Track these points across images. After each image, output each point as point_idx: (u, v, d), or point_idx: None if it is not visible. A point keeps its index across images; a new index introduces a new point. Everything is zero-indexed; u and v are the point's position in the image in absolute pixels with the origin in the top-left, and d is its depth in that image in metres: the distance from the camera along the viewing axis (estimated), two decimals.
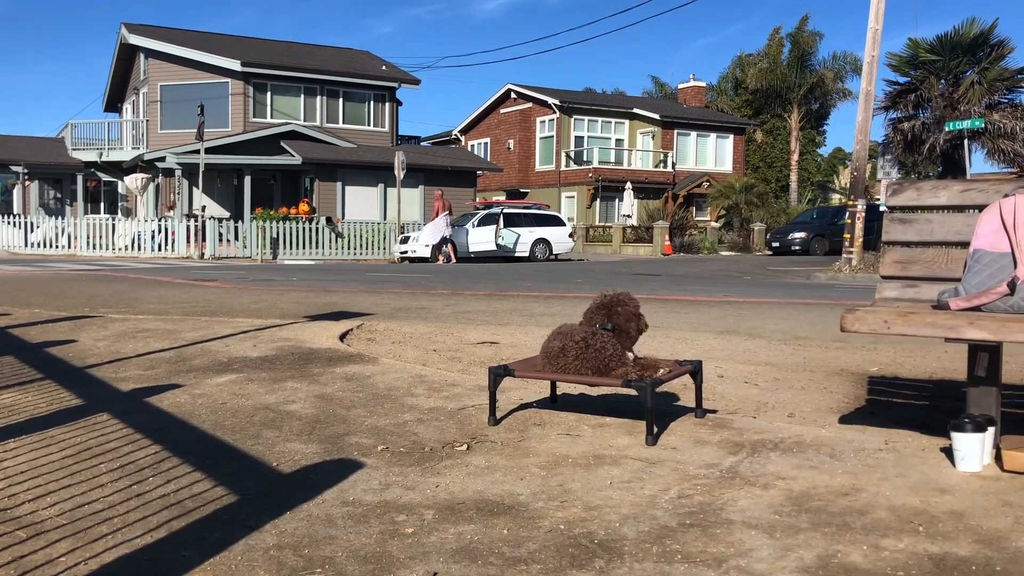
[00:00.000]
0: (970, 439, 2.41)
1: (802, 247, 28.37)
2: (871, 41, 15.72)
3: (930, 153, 23.19)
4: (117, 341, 5.08)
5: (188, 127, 27.13)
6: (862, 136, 15.95)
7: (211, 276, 13.50)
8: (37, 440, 2.84)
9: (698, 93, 42.85)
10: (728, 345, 5.27)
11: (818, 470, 2.47)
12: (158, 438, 2.86)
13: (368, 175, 28.42)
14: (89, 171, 32.65)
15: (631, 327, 3.06)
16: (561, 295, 9.55)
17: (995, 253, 2.68)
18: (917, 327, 2.45)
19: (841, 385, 4.06)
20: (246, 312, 6.82)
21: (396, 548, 1.92)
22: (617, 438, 2.86)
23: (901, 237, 2.99)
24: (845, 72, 41.12)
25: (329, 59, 32.00)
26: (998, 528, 2.00)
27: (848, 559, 1.83)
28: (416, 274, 15.36)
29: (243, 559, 1.86)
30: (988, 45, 23.19)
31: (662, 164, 37.52)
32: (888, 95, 24.09)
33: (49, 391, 3.64)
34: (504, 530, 2.03)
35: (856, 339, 5.38)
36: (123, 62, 33.29)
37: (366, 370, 4.08)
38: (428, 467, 2.54)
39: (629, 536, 1.98)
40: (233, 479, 2.42)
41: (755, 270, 18.79)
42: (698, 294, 10.11)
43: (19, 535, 1.99)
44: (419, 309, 7.35)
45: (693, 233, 32.94)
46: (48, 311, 6.76)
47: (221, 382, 3.83)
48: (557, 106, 36.49)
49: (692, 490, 2.30)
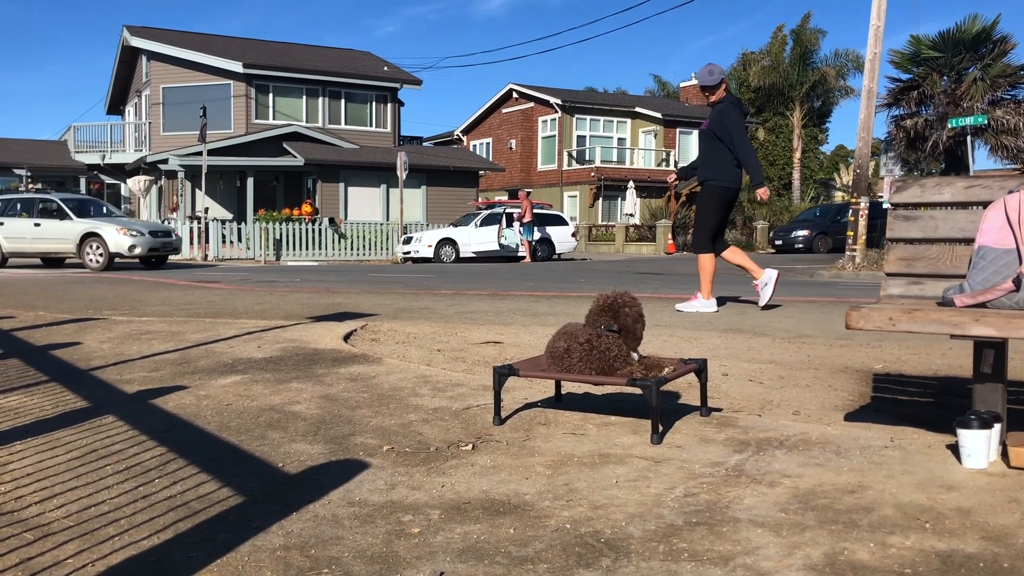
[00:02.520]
0: (976, 436, 2.40)
1: (805, 245, 28.36)
2: (873, 38, 15.70)
3: (933, 150, 23.16)
4: (122, 343, 5.09)
5: (191, 129, 27.18)
6: (865, 133, 15.93)
7: (215, 278, 13.53)
8: (43, 442, 2.84)
9: (700, 92, 42.86)
10: (732, 343, 5.26)
11: (824, 468, 2.46)
12: (164, 440, 2.86)
13: (370, 176, 28.45)
14: (92, 174, 32.73)
15: (638, 328, 3.06)
16: (564, 295, 9.55)
17: (1000, 249, 2.67)
18: (922, 324, 2.45)
19: (846, 382, 4.06)
20: (250, 313, 6.82)
21: (402, 548, 1.92)
22: (622, 437, 2.86)
23: (905, 234, 2.99)
24: (847, 69, 41.11)
25: (331, 60, 32.03)
26: (1005, 525, 1.99)
27: (855, 557, 1.82)
28: (419, 274, 15.37)
29: (250, 560, 1.86)
30: (991, 41, 23.16)
31: (665, 163, 37.50)
32: (891, 92, 24.07)
33: (54, 393, 3.65)
34: (510, 529, 2.03)
35: (861, 336, 5.37)
36: (125, 64, 33.36)
37: (371, 370, 4.08)
38: (434, 467, 2.55)
39: (635, 535, 1.98)
40: (239, 480, 2.42)
41: None
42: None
43: (26, 537, 1.99)
44: (423, 309, 7.36)
45: None
46: (52, 314, 6.77)
47: (226, 383, 3.84)
48: (559, 105, 36.48)
49: (698, 488, 2.30)
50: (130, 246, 17.18)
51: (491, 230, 23.27)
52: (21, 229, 18.06)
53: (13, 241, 18.11)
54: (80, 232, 17.42)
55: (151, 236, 17.70)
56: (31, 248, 18.17)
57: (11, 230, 18.15)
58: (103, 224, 17.55)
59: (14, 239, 18.10)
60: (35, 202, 18.52)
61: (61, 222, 17.82)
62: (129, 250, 17.21)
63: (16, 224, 18.16)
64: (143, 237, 17.43)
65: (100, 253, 17.25)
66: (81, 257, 17.44)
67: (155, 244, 17.77)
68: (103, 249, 17.21)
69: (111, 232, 17.21)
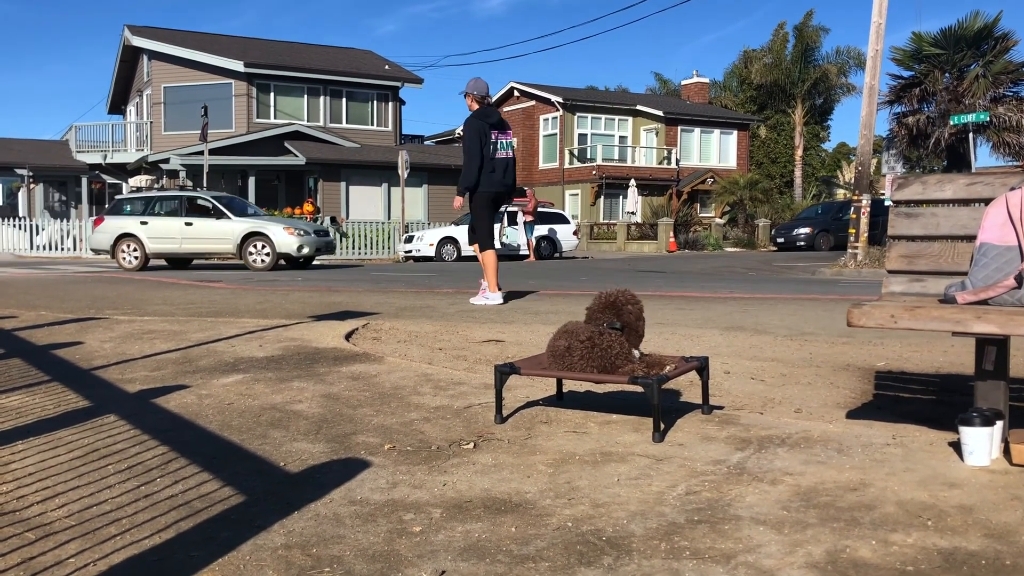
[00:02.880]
0: (978, 433, 2.40)
1: (807, 243, 28.34)
2: (875, 35, 15.68)
3: (935, 147, 23.12)
4: (123, 343, 5.09)
5: (192, 128, 27.20)
6: (866, 131, 15.91)
7: (216, 277, 13.53)
8: (45, 442, 2.84)
9: (701, 89, 42.80)
10: (734, 341, 5.26)
11: (826, 465, 2.46)
12: (165, 439, 2.86)
13: (372, 175, 28.47)
14: (94, 173, 32.74)
15: (640, 325, 3.06)
16: (566, 293, 9.55)
17: (1002, 246, 2.67)
18: (924, 321, 2.44)
19: (848, 380, 4.05)
20: (251, 312, 6.83)
21: (404, 547, 1.92)
22: (624, 435, 2.86)
23: (907, 231, 2.98)
24: (849, 67, 41.06)
25: (332, 59, 32.04)
26: (1007, 522, 1.99)
27: (857, 554, 1.82)
28: (421, 273, 15.37)
29: (251, 559, 1.86)
30: (992, 38, 23.11)
31: (666, 161, 37.48)
32: (892, 89, 24.03)
33: (56, 393, 3.65)
34: (512, 528, 2.03)
35: (862, 334, 5.36)
36: (126, 64, 33.39)
37: (372, 369, 4.08)
38: (435, 465, 2.54)
39: (637, 533, 1.98)
40: (241, 479, 2.42)
41: (760, 266, 18.76)
42: (703, 290, 10.10)
43: (28, 536, 1.99)
44: (424, 308, 7.36)
45: (698, 230, 32.92)
46: (54, 313, 6.78)
47: (227, 382, 3.84)
48: (560, 104, 36.47)
49: (700, 486, 2.30)
50: (298, 246, 16.56)
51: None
52: (169, 229, 16.91)
53: (159, 242, 16.96)
54: (242, 232, 16.59)
55: (315, 236, 17.16)
56: (180, 249, 17.06)
57: (157, 230, 16.96)
58: (268, 223, 16.97)
59: (160, 239, 16.95)
60: (181, 200, 17.41)
61: (219, 221, 16.86)
62: (297, 250, 16.60)
63: (162, 223, 16.99)
64: (309, 237, 16.89)
65: (267, 253, 16.55)
66: (243, 258, 16.66)
67: (319, 244, 17.19)
68: (269, 249, 16.53)
69: (278, 231, 16.57)
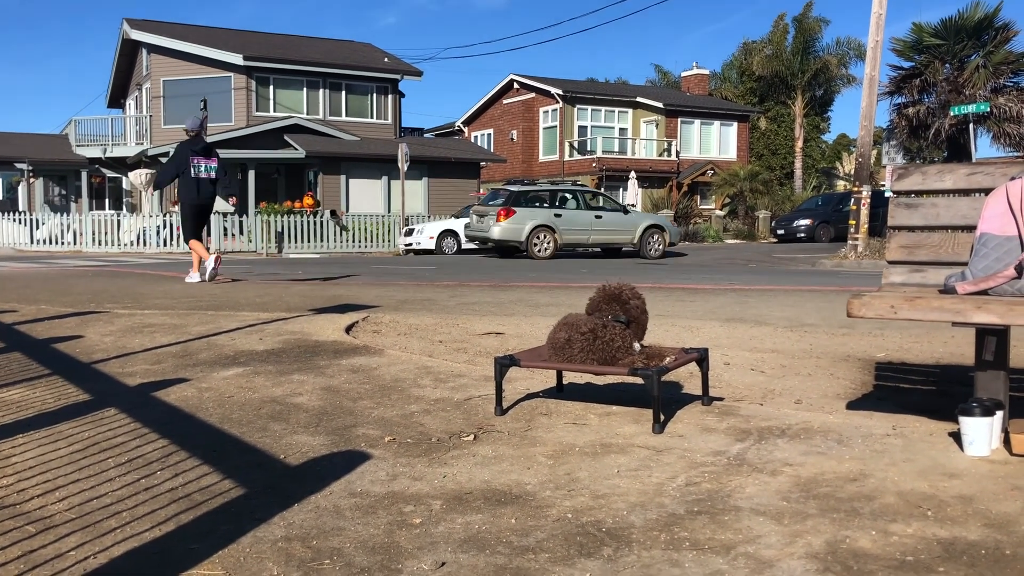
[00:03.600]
0: (978, 423, 2.40)
1: (807, 234, 28.31)
2: (875, 26, 15.64)
3: (935, 138, 23.05)
4: (123, 336, 5.09)
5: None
6: (866, 122, 15.89)
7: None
8: (45, 435, 2.85)
9: (701, 81, 42.69)
10: (734, 333, 5.26)
11: (826, 456, 2.46)
12: (165, 432, 2.86)
13: (372, 168, 28.41)
14: (93, 167, 32.68)
15: (644, 318, 3.06)
16: (566, 285, 9.54)
17: (1002, 236, 2.66)
18: (924, 312, 2.44)
19: (848, 371, 4.05)
20: (252, 306, 6.83)
21: (404, 539, 1.92)
22: (624, 426, 2.86)
23: (907, 222, 2.98)
24: (849, 58, 40.92)
25: (331, 52, 31.95)
26: (1007, 512, 1.99)
27: (857, 544, 1.82)
28: (421, 266, 15.36)
29: (252, 551, 1.86)
30: (993, 28, 23.03)
31: (666, 153, 37.42)
32: (892, 80, 23.95)
33: (57, 387, 3.65)
34: (512, 519, 2.03)
35: (862, 325, 5.36)
36: (125, 58, 33.29)
37: (372, 362, 4.08)
38: (435, 457, 2.55)
39: (637, 524, 1.98)
40: (241, 472, 2.42)
41: (760, 258, 18.75)
42: (703, 282, 10.09)
43: (28, 530, 1.99)
44: (424, 301, 7.35)
45: (698, 221, 32.88)
46: (54, 307, 6.78)
47: (228, 376, 3.84)
48: (560, 96, 36.39)
49: (700, 477, 2.30)
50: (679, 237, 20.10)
51: None
52: (582, 221, 19.23)
53: (572, 233, 19.05)
54: (644, 225, 19.59)
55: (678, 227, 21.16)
56: (589, 240, 19.38)
57: (570, 222, 19.10)
58: (661, 219, 20.64)
59: (574, 231, 19.07)
60: (582, 195, 20.11)
61: (625, 216, 19.77)
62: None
63: (575, 216, 19.27)
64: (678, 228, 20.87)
65: (660, 244, 19.56)
66: (642, 248, 19.35)
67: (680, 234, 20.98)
68: (662, 241, 19.59)
69: (670, 225, 20.36)
